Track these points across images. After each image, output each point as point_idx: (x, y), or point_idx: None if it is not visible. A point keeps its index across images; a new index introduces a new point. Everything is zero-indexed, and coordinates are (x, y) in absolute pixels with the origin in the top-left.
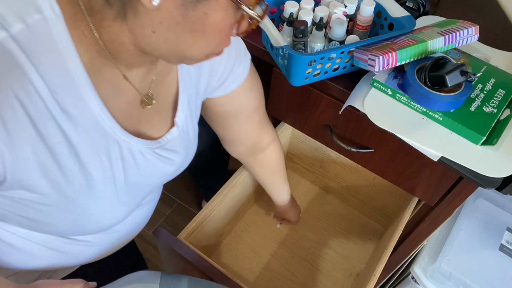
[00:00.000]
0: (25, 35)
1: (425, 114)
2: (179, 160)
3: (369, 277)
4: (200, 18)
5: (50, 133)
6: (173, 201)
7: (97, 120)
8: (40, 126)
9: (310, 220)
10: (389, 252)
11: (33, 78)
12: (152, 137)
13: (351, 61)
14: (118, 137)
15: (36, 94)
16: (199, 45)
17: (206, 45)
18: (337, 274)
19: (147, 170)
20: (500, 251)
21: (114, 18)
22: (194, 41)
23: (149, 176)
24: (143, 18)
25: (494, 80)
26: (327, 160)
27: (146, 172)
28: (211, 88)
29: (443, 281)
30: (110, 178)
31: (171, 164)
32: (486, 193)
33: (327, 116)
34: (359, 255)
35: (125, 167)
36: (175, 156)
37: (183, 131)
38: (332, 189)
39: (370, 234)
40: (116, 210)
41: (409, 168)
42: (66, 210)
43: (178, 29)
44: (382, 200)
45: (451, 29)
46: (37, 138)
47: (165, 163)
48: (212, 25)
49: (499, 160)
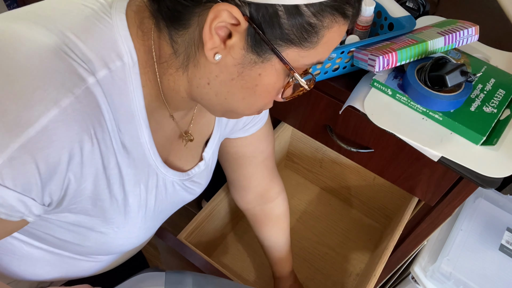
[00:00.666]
0: (107, 80)
1: (425, 114)
2: (200, 191)
3: (369, 277)
4: (254, 77)
5: (110, 165)
6: None
7: (145, 154)
8: (105, 160)
9: (310, 220)
10: (389, 252)
11: (107, 117)
12: (183, 169)
13: (351, 61)
14: (158, 169)
15: (107, 131)
16: (247, 102)
17: (253, 104)
18: (337, 274)
19: (173, 199)
20: (500, 251)
21: (178, 68)
22: (243, 98)
23: (173, 204)
24: (202, 70)
25: (494, 80)
26: (327, 160)
27: (173, 200)
28: (235, 129)
29: (443, 281)
30: (143, 206)
31: (193, 194)
32: (486, 193)
33: (327, 116)
34: (359, 255)
35: (157, 196)
36: (198, 187)
37: (208, 165)
38: (332, 189)
39: (370, 234)
40: (140, 234)
41: (409, 168)
42: (100, 233)
43: (231, 84)
44: (382, 200)
45: (451, 29)
46: (101, 171)
47: (188, 192)
48: (264, 86)
49: (499, 160)
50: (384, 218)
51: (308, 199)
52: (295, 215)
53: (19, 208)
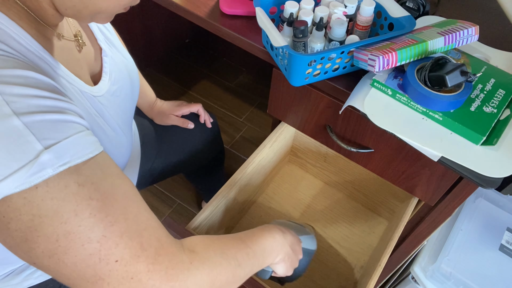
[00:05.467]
0: None
1: (425, 114)
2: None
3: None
4: None
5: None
6: (173, 201)
7: (72, 85)
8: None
9: (314, 214)
10: (389, 252)
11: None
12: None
13: (351, 61)
14: (89, 91)
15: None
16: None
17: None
18: (341, 267)
19: (121, 100)
20: (500, 251)
21: None
22: None
23: (127, 102)
24: None
25: (494, 80)
26: (331, 155)
27: (121, 100)
28: None
29: (443, 281)
30: (109, 132)
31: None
32: (486, 193)
33: (327, 116)
34: (363, 248)
35: (106, 112)
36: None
37: (109, 54)
38: (336, 183)
39: (373, 228)
40: (125, 140)
41: (409, 168)
42: None
43: None
44: (386, 194)
45: (451, 29)
46: None
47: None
48: None
49: (499, 160)
50: (388, 212)
51: (312, 193)
52: (299, 209)
53: (93, 139)
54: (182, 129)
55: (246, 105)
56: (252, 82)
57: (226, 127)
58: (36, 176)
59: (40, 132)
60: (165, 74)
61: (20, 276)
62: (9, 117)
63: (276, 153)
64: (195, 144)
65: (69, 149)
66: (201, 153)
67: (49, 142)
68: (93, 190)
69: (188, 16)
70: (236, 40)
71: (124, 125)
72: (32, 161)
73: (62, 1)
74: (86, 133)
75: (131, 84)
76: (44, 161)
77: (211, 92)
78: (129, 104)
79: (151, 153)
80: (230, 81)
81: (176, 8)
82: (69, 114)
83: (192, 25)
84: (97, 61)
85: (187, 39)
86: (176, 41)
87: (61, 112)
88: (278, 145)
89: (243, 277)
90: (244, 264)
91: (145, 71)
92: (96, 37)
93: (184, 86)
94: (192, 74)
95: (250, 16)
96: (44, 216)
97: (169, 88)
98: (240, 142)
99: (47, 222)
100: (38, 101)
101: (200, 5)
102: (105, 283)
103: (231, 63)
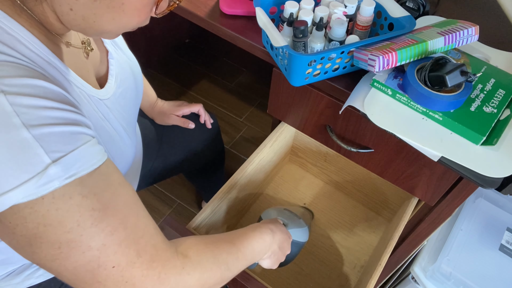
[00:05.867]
0: None
1: (425, 114)
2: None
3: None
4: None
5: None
6: (173, 201)
7: (81, 90)
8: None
9: (315, 213)
10: (389, 252)
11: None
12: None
13: (351, 61)
14: (95, 95)
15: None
16: (118, 23)
17: (126, 24)
18: (341, 266)
19: (125, 102)
20: (500, 251)
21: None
22: (113, 19)
23: (131, 104)
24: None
25: (494, 80)
26: (331, 154)
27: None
28: None
29: (443, 281)
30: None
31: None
32: (486, 193)
33: (327, 116)
34: (363, 248)
35: (112, 115)
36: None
37: (115, 57)
38: (336, 183)
39: (374, 227)
40: (129, 143)
41: (409, 168)
42: None
43: (96, 6)
44: (386, 193)
45: (451, 29)
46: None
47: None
48: (131, 3)
49: (499, 160)
50: (388, 211)
51: (312, 193)
52: None
53: (98, 149)
54: (183, 129)
55: (246, 105)
56: (252, 82)
57: (226, 127)
58: (43, 188)
59: (48, 145)
60: (165, 74)
61: (21, 276)
62: (19, 129)
63: (276, 153)
64: (195, 144)
65: (75, 161)
66: (201, 153)
67: (57, 155)
68: (95, 201)
69: (188, 16)
70: (236, 40)
71: (128, 127)
72: (40, 173)
73: (67, 20)
74: (92, 142)
75: (135, 86)
76: (51, 173)
77: (211, 92)
78: (133, 105)
79: (151, 153)
80: (230, 81)
81: (176, 8)
82: (76, 125)
83: (192, 25)
84: (103, 64)
85: (187, 39)
86: (176, 41)
87: (69, 124)
88: (278, 145)
89: (231, 278)
90: (233, 267)
91: (145, 71)
92: (103, 39)
93: (184, 86)
94: (192, 74)
95: (250, 16)
96: (49, 225)
97: (169, 88)
98: (240, 142)
99: (51, 230)
100: (47, 113)
101: (200, 5)
102: (102, 285)
103: (231, 63)
